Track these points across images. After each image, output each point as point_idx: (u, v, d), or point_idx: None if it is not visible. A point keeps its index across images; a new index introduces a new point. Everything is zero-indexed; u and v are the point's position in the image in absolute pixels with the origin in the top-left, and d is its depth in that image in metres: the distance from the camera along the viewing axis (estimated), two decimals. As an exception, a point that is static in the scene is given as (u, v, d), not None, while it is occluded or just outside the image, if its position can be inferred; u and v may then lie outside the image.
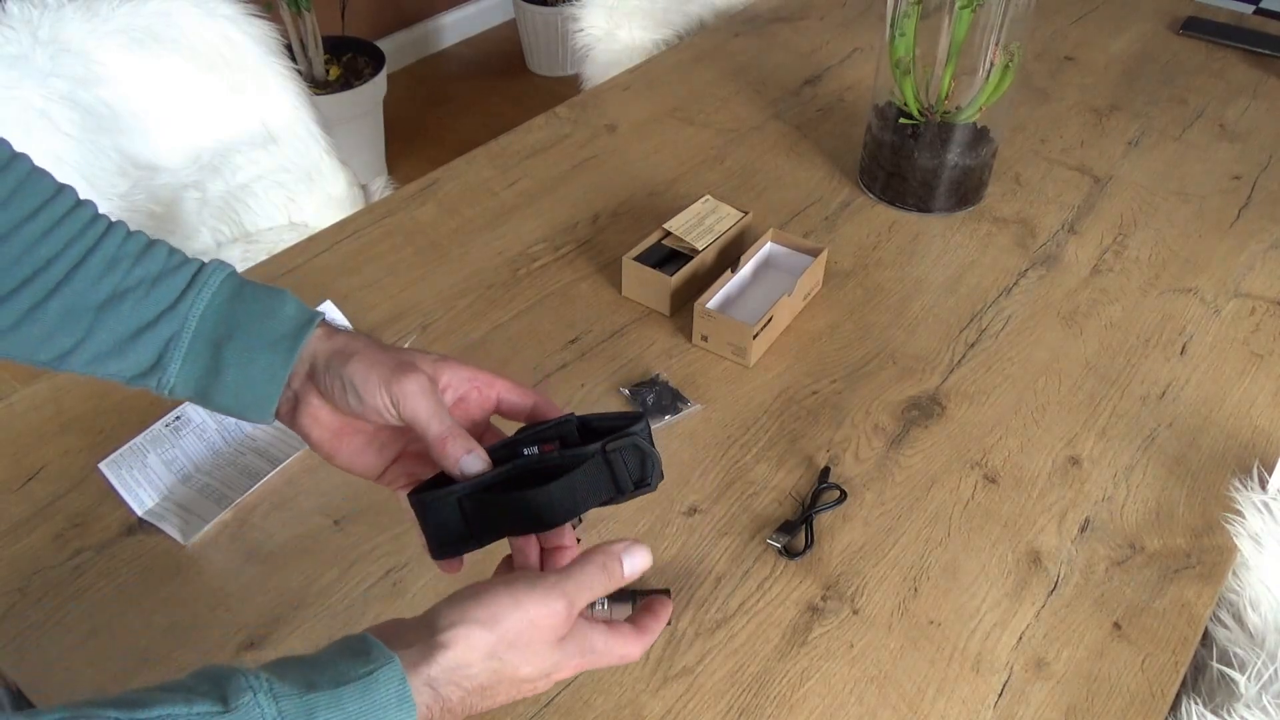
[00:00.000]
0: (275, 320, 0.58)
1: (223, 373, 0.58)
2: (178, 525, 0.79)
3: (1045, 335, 1.01)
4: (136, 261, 0.58)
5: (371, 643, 0.47)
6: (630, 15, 1.60)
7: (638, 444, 0.55)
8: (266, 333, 0.58)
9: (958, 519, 0.83)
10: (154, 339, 0.58)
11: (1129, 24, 1.60)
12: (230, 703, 0.42)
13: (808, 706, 0.70)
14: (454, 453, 0.54)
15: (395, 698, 0.45)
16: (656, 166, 1.24)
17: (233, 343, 0.58)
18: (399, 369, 0.55)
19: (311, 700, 0.44)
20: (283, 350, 0.57)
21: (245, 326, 0.58)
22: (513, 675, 0.49)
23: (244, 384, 0.58)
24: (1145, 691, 0.72)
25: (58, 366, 0.59)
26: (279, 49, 1.39)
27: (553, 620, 0.49)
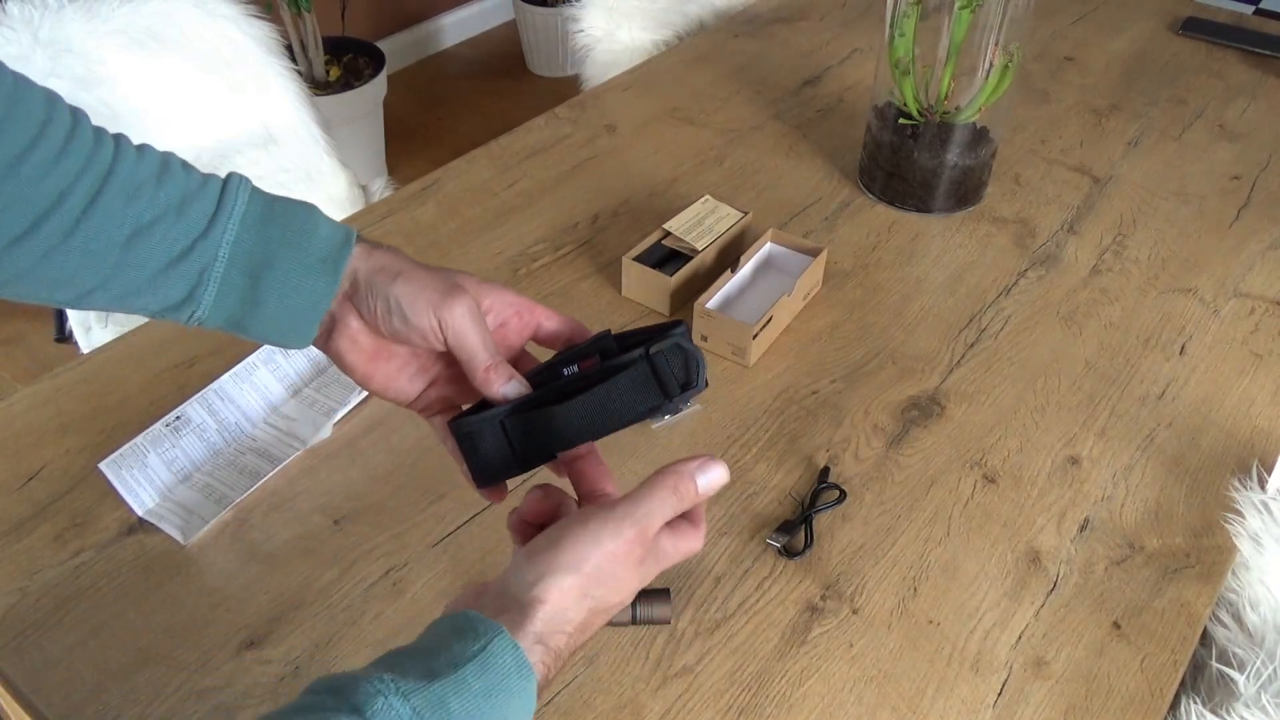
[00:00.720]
0: (313, 241, 0.54)
1: (262, 302, 0.54)
2: (178, 525, 0.79)
3: (1045, 335, 1.01)
4: (159, 185, 0.53)
5: (475, 618, 0.47)
6: (630, 15, 1.60)
7: (680, 344, 0.53)
8: (305, 256, 0.54)
9: (957, 519, 0.83)
10: (185, 272, 0.53)
11: (1129, 24, 1.60)
12: (365, 710, 0.42)
13: (807, 706, 0.70)
14: (497, 381, 0.54)
15: (514, 665, 0.46)
16: (656, 166, 1.24)
17: (272, 271, 0.53)
18: (449, 291, 0.53)
19: (439, 690, 0.44)
20: (326, 274, 0.54)
21: (282, 251, 0.53)
22: (604, 606, 0.50)
23: (284, 312, 0.55)
24: (1144, 691, 0.72)
25: (78, 305, 0.54)
26: (279, 49, 1.39)
27: (631, 548, 0.50)
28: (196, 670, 0.71)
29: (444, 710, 0.44)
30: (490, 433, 0.54)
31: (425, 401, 0.60)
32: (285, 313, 0.55)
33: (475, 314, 0.54)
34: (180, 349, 0.96)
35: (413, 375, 0.59)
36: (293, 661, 0.72)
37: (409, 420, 0.90)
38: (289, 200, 0.56)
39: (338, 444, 0.88)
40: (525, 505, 0.55)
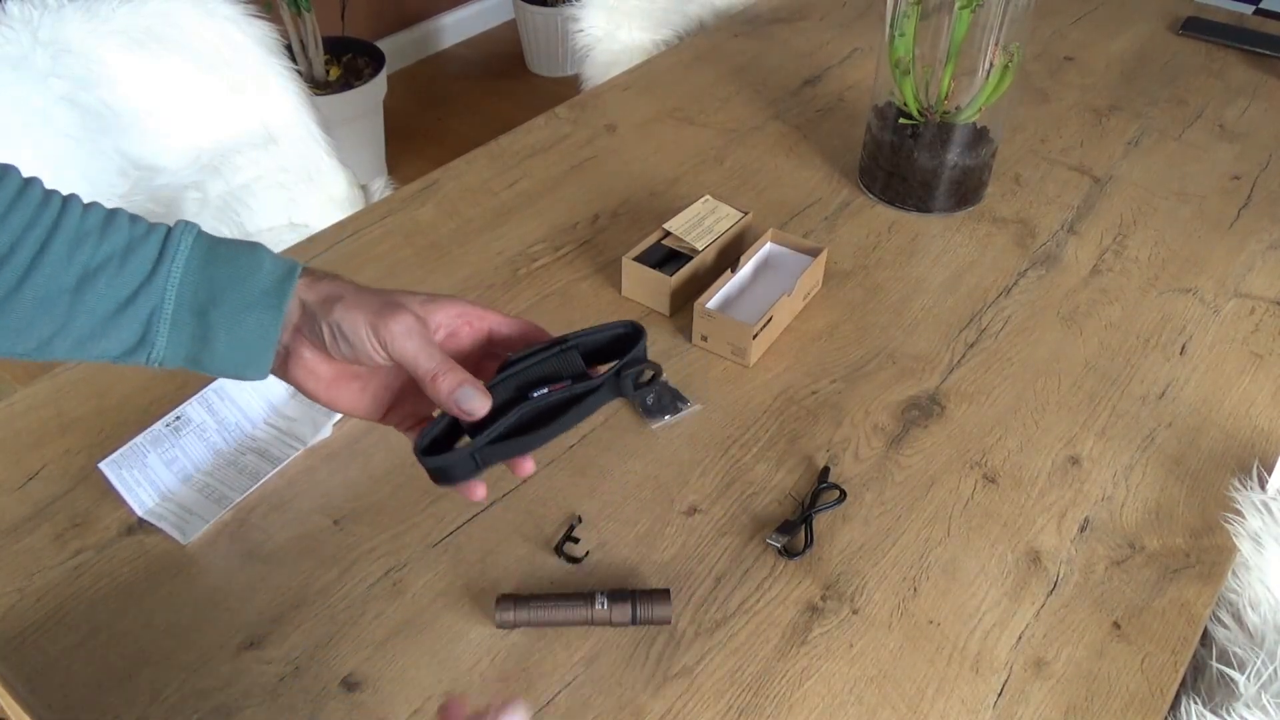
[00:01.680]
0: (256, 277, 0.56)
1: (212, 339, 0.56)
2: (177, 525, 0.79)
3: (1045, 335, 1.01)
4: (102, 236, 0.55)
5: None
6: (630, 15, 1.60)
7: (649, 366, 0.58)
8: (249, 291, 0.56)
9: (957, 519, 0.83)
10: (135, 315, 0.56)
11: (1129, 24, 1.60)
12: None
13: (807, 706, 0.70)
14: (446, 387, 0.54)
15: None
16: (656, 166, 1.24)
17: (217, 307, 0.56)
18: (384, 310, 0.55)
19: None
20: (270, 306, 0.56)
21: (227, 288, 0.56)
22: None
23: (236, 346, 0.57)
24: (1145, 691, 0.72)
25: (41, 355, 0.57)
26: (279, 49, 1.39)
27: None
28: (196, 670, 0.71)
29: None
30: (463, 464, 0.56)
31: (396, 418, 0.61)
32: (236, 347, 0.57)
33: (414, 327, 0.55)
34: (180, 349, 0.96)
35: (376, 394, 0.60)
36: (293, 661, 0.72)
37: (409, 420, 0.90)
38: (234, 241, 0.58)
39: (338, 444, 0.88)
40: None
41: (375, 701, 0.70)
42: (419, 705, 0.69)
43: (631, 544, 0.80)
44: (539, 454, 0.87)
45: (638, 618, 0.73)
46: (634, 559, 0.79)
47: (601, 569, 0.78)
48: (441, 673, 0.71)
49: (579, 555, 0.79)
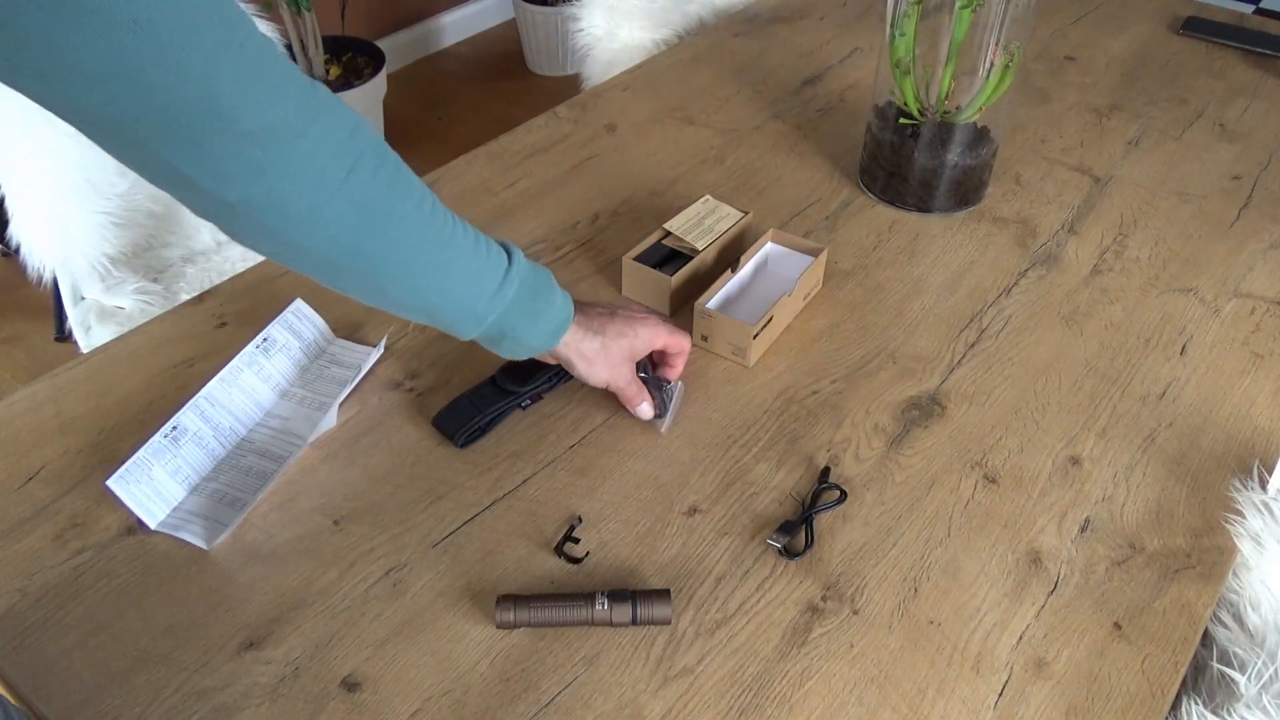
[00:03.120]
0: (543, 321, 0.80)
1: (501, 349, 0.80)
2: (198, 533, 0.79)
3: (1045, 335, 1.01)
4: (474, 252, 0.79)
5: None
6: (630, 15, 1.60)
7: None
8: (538, 332, 0.80)
9: (958, 519, 0.83)
10: (482, 313, 0.77)
11: (1129, 24, 1.60)
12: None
13: (808, 706, 0.70)
14: (633, 404, 0.89)
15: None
16: (656, 166, 1.24)
17: (514, 333, 0.79)
18: (597, 366, 0.85)
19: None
20: (549, 340, 0.81)
21: (523, 324, 0.78)
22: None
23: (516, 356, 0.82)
24: (1145, 691, 0.72)
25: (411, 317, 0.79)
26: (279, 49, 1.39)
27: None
28: (196, 670, 0.71)
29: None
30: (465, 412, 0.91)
31: None
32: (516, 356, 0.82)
33: (624, 376, 0.87)
34: (179, 349, 0.96)
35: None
36: (293, 662, 0.72)
37: (409, 420, 0.90)
38: (541, 286, 0.79)
39: (338, 444, 0.88)
40: None
41: (375, 702, 0.70)
42: (419, 705, 0.69)
43: (632, 544, 0.80)
44: (539, 454, 0.87)
45: (638, 618, 0.73)
46: (634, 559, 0.79)
47: (602, 569, 0.78)
48: (441, 673, 0.71)
49: (579, 555, 0.79)
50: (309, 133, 0.61)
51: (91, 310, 1.36)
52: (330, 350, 0.95)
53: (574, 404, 0.92)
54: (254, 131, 0.57)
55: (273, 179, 0.60)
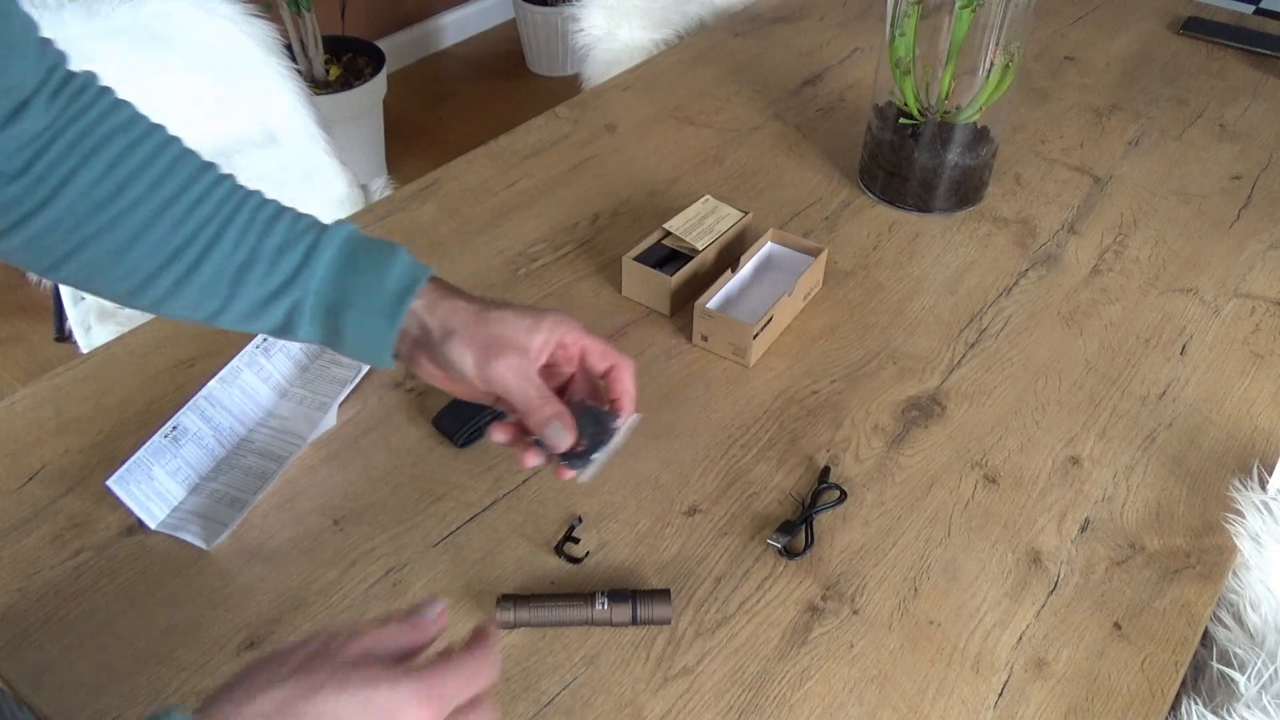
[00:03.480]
0: (381, 289, 0.64)
1: (341, 335, 0.65)
2: (196, 532, 0.79)
3: (1045, 335, 1.01)
4: (264, 234, 0.64)
5: (165, 707, 0.49)
6: (630, 15, 1.60)
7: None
8: (374, 301, 0.64)
9: (958, 519, 0.83)
10: (281, 305, 0.65)
11: (1129, 24, 1.60)
12: None
13: (808, 706, 0.70)
14: (536, 422, 0.64)
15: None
16: (656, 166, 1.24)
17: (346, 311, 0.64)
18: (489, 349, 0.64)
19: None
20: (388, 317, 0.64)
21: (354, 296, 0.64)
22: (307, 700, 0.45)
23: (360, 344, 0.65)
24: (1145, 691, 0.72)
25: (211, 325, 0.66)
26: (279, 49, 1.39)
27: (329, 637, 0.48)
28: (196, 670, 0.71)
29: None
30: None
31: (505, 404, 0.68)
32: (360, 345, 0.66)
33: (514, 366, 0.64)
34: (179, 349, 0.96)
35: (488, 395, 0.67)
36: (293, 662, 0.72)
37: (409, 420, 0.90)
38: (376, 247, 0.66)
39: (338, 444, 0.88)
40: None
41: (375, 702, 0.69)
42: (419, 705, 0.69)
43: (632, 544, 0.80)
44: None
45: (638, 618, 0.73)
46: (634, 559, 0.79)
47: (602, 569, 0.78)
48: (442, 673, 0.71)
49: (579, 555, 0.79)
50: None
51: (91, 310, 1.36)
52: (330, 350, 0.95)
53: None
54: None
55: None
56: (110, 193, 0.61)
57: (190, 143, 0.68)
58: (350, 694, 0.45)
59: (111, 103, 0.64)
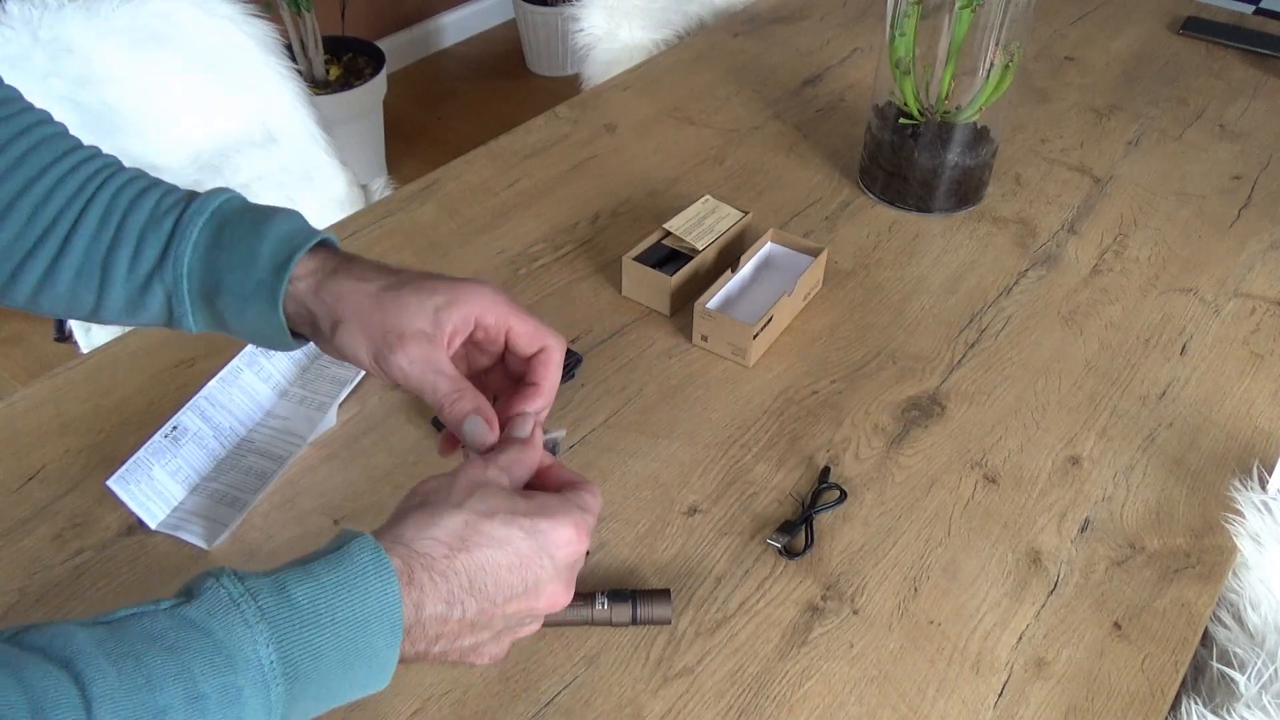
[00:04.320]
0: (253, 269, 0.56)
1: (227, 323, 0.58)
2: (196, 532, 0.79)
3: (1045, 335, 1.01)
4: (128, 213, 0.58)
5: (344, 530, 0.47)
6: (630, 15, 1.60)
7: None
8: (247, 283, 0.56)
9: (958, 519, 0.83)
10: (156, 293, 0.58)
11: (1129, 24, 1.60)
12: (195, 591, 0.42)
13: (808, 706, 0.70)
14: (453, 418, 0.55)
15: (372, 565, 0.45)
16: (656, 166, 1.24)
17: (221, 296, 0.57)
18: (385, 341, 0.54)
19: (282, 576, 0.43)
20: (264, 299, 0.56)
21: (226, 277, 0.57)
22: (483, 521, 0.49)
23: (251, 331, 0.58)
24: (1145, 691, 0.72)
25: (98, 321, 0.60)
26: (279, 49, 1.39)
27: (487, 470, 0.52)
28: (196, 670, 0.71)
29: (284, 595, 0.43)
30: None
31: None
32: (252, 332, 0.58)
33: (416, 357, 0.54)
34: (179, 349, 0.96)
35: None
36: (293, 662, 0.72)
37: (409, 420, 0.90)
38: (246, 217, 0.58)
39: (338, 444, 0.88)
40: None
41: (375, 701, 0.70)
42: (419, 705, 0.69)
43: (632, 544, 0.80)
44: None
45: (638, 618, 0.73)
46: (634, 559, 0.79)
47: (601, 569, 0.78)
48: (441, 672, 0.71)
49: (579, 555, 0.79)
50: None
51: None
52: None
53: (574, 404, 0.92)
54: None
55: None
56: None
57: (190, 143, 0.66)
58: (520, 522, 0.50)
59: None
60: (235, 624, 0.41)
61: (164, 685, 0.39)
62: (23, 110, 0.61)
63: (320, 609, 0.43)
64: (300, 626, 0.43)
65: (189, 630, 0.41)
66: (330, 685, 0.44)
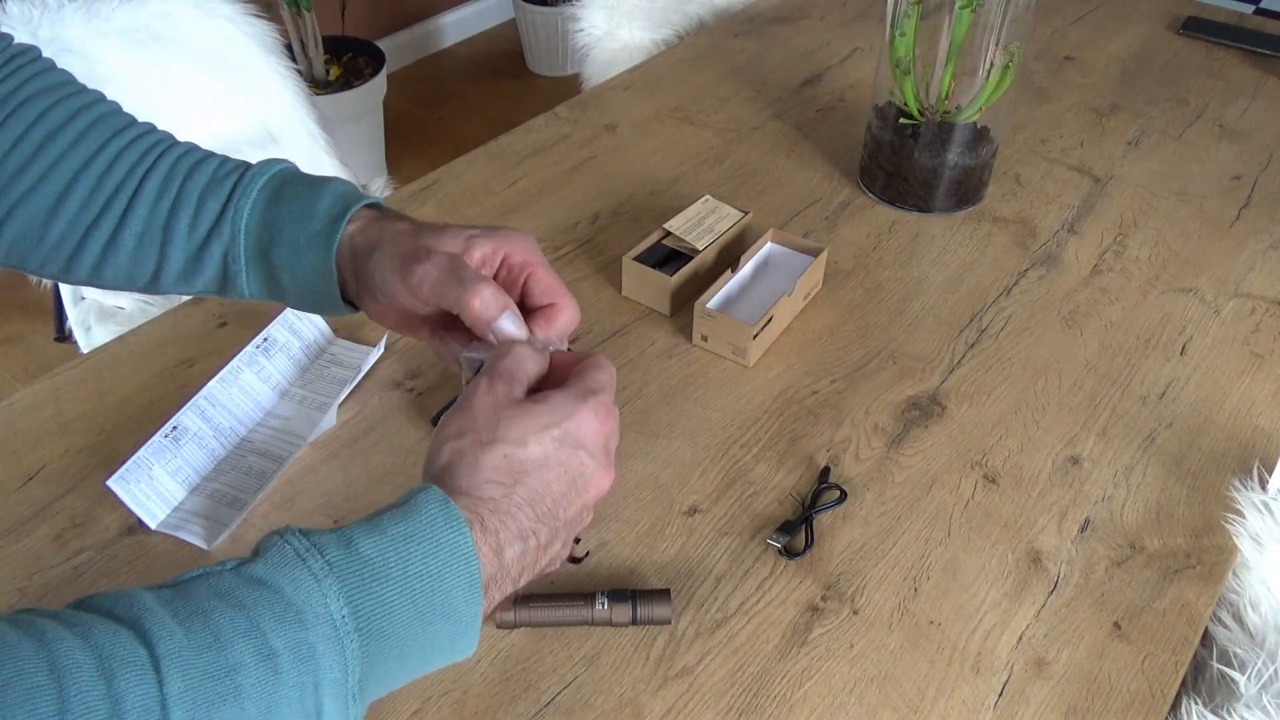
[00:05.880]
0: (311, 218, 0.58)
1: (279, 278, 0.59)
2: (198, 533, 0.79)
3: (1045, 335, 1.01)
4: (188, 177, 0.60)
5: (410, 490, 0.47)
6: (630, 15, 1.60)
7: None
8: (304, 233, 0.58)
9: (958, 519, 0.83)
10: (214, 254, 0.60)
11: (1129, 24, 1.60)
12: (260, 552, 0.42)
13: (808, 706, 0.70)
14: (484, 314, 0.53)
15: (441, 516, 0.44)
16: (656, 166, 1.24)
17: (277, 248, 0.58)
18: (412, 257, 0.55)
19: (348, 531, 0.43)
20: (321, 249, 0.57)
21: (284, 229, 0.58)
22: (519, 449, 0.48)
23: (301, 286, 0.59)
24: (1145, 691, 0.72)
25: (155, 290, 0.62)
26: (279, 49, 1.39)
27: (495, 390, 0.50)
28: (196, 670, 0.71)
29: (351, 549, 0.42)
30: None
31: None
32: (302, 287, 0.59)
33: (442, 266, 0.54)
34: (179, 349, 0.96)
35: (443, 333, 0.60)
36: (293, 662, 0.72)
37: (409, 420, 0.90)
38: (307, 179, 0.60)
39: (338, 444, 0.88)
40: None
41: (375, 701, 0.69)
42: (419, 705, 0.69)
43: (631, 544, 0.80)
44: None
45: (638, 618, 0.73)
46: (634, 559, 0.79)
47: (602, 569, 0.78)
48: (441, 672, 0.71)
49: (579, 555, 0.79)
50: None
51: (91, 310, 1.36)
52: (330, 350, 0.95)
53: (574, 404, 0.92)
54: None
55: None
56: (30, 153, 0.59)
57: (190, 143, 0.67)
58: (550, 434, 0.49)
59: (40, 69, 0.62)
60: (303, 579, 0.41)
61: (233, 642, 0.38)
62: (79, 91, 0.63)
63: (390, 561, 0.42)
64: (371, 580, 0.42)
65: (256, 587, 0.40)
66: (411, 645, 0.43)
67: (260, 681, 0.38)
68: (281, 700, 0.39)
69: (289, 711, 0.39)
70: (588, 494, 0.51)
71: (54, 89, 0.61)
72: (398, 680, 0.44)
